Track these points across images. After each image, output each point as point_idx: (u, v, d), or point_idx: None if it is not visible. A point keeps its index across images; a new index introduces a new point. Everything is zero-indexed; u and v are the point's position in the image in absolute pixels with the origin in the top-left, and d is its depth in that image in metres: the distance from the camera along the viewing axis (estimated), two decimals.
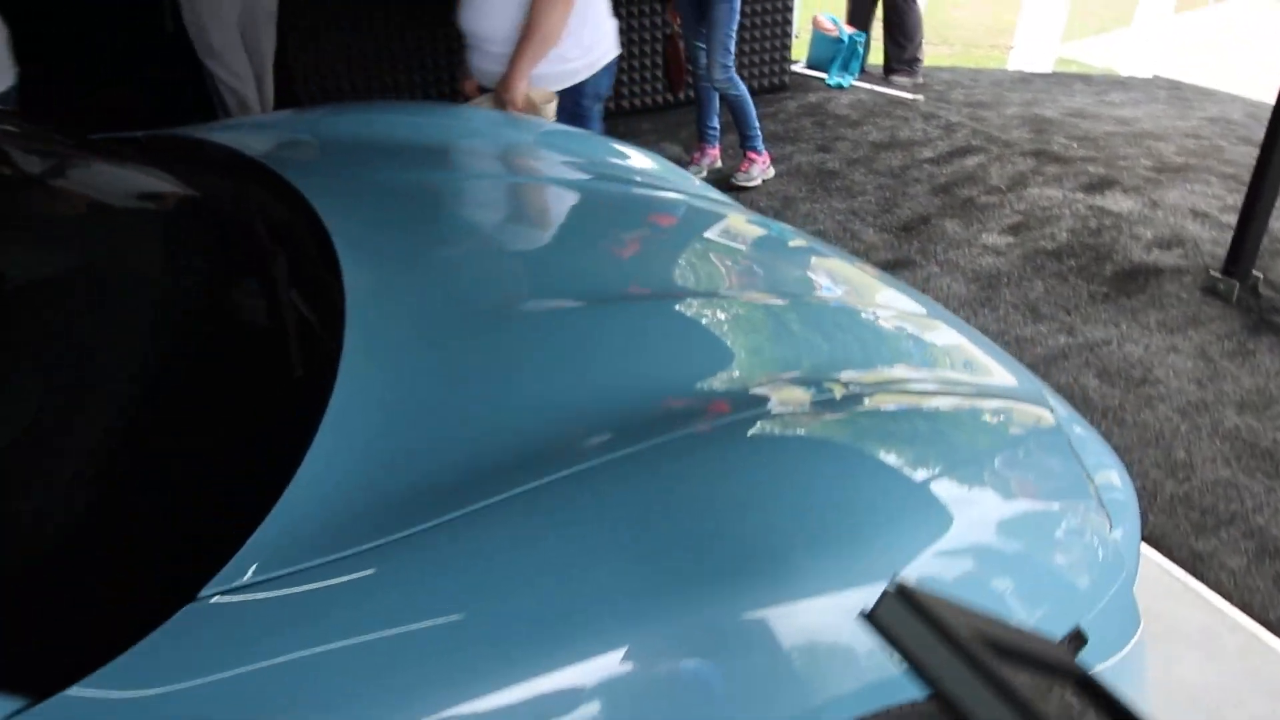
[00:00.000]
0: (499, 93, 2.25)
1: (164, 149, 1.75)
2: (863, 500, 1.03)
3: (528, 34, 2.18)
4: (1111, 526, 1.18)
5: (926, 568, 0.99)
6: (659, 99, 4.75)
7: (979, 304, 3.04)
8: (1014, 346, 2.80)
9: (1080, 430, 1.37)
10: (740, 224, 1.76)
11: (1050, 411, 1.32)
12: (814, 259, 1.68)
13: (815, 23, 5.29)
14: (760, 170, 3.93)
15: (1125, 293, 3.08)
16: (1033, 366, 2.70)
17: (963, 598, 0.67)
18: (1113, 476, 1.31)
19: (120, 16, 3.17)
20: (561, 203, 1.77)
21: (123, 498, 0.90)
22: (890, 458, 1.12)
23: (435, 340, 1.19)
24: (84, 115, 3.63)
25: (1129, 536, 1.24)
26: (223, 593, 0.80)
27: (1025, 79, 5.85)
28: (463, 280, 1.36)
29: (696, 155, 4.07)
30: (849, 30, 5.15)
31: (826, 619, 0.92)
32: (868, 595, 0.89)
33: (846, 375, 1.24)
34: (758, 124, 3.86)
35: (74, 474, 0.91)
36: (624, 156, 2.03)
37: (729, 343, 1.33)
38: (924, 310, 1.55)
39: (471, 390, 1.11)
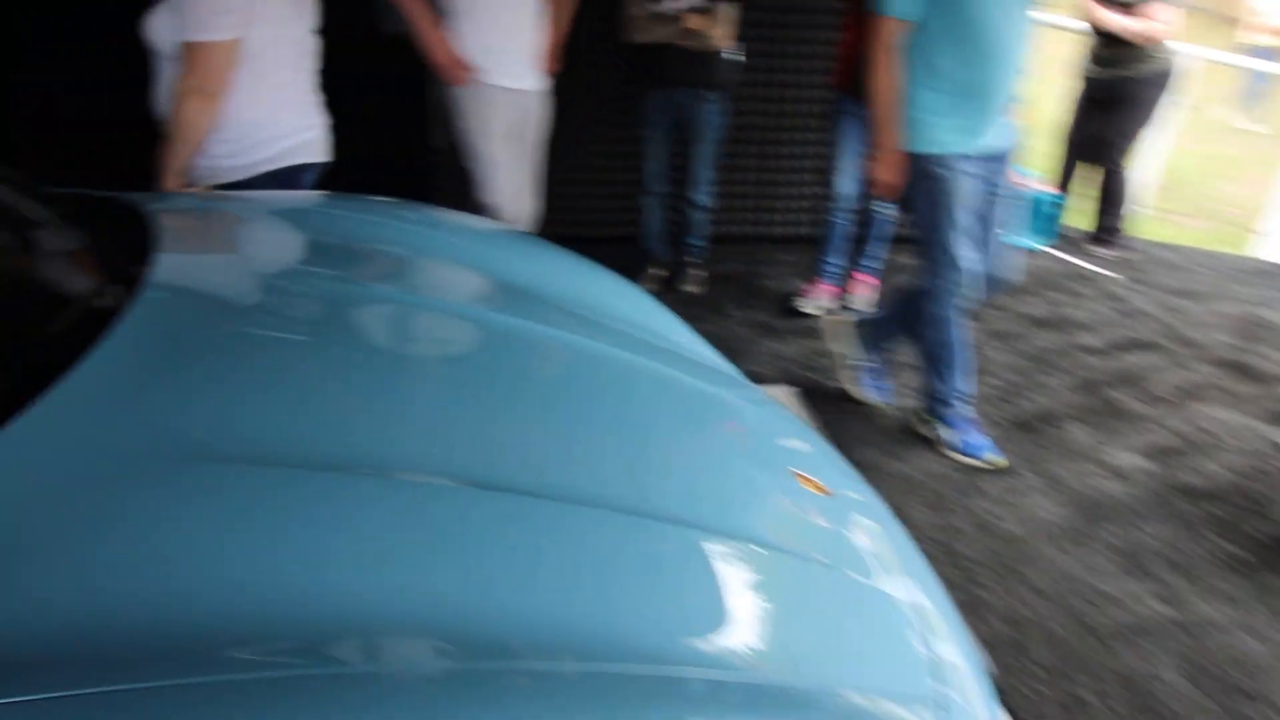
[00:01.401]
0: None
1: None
2: None
3: (168, 130, 2.06)
4: None
5: None
6: (807, 231, 4.44)
7: (1064, 537, 2.46)
8: (1084, 604, 2.21)
9: None
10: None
11: None
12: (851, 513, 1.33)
13: None
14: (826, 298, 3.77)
15: (1270, 565, 2.38)
16: (1099, 637, 2.11)
17: None
18: None
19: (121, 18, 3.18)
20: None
21: None
22: None
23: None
24: (85, 115, 3.51)
25: None
26: None
27: (1268, 272, 4.98)
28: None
29: (805, 288, 3.77)
30: (1039, 188, 4.60)
31: None
32: None
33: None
34: (873, 256, 3.79)
35: None
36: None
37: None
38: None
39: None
